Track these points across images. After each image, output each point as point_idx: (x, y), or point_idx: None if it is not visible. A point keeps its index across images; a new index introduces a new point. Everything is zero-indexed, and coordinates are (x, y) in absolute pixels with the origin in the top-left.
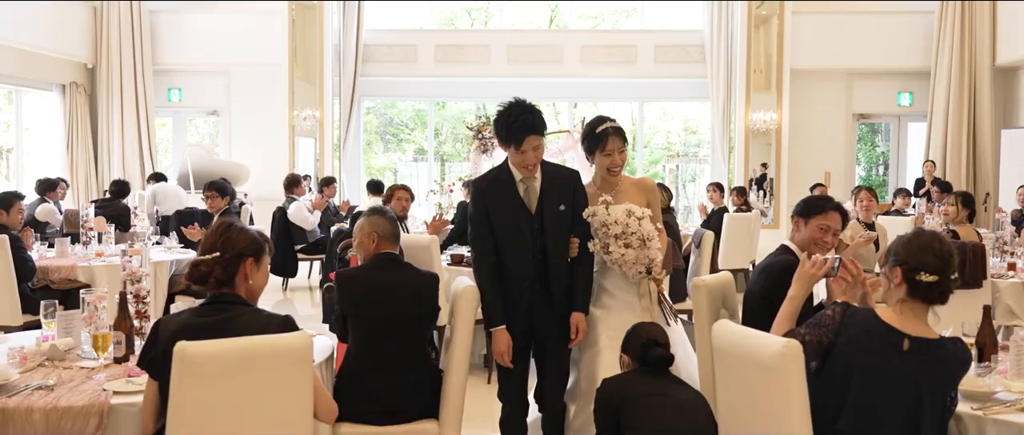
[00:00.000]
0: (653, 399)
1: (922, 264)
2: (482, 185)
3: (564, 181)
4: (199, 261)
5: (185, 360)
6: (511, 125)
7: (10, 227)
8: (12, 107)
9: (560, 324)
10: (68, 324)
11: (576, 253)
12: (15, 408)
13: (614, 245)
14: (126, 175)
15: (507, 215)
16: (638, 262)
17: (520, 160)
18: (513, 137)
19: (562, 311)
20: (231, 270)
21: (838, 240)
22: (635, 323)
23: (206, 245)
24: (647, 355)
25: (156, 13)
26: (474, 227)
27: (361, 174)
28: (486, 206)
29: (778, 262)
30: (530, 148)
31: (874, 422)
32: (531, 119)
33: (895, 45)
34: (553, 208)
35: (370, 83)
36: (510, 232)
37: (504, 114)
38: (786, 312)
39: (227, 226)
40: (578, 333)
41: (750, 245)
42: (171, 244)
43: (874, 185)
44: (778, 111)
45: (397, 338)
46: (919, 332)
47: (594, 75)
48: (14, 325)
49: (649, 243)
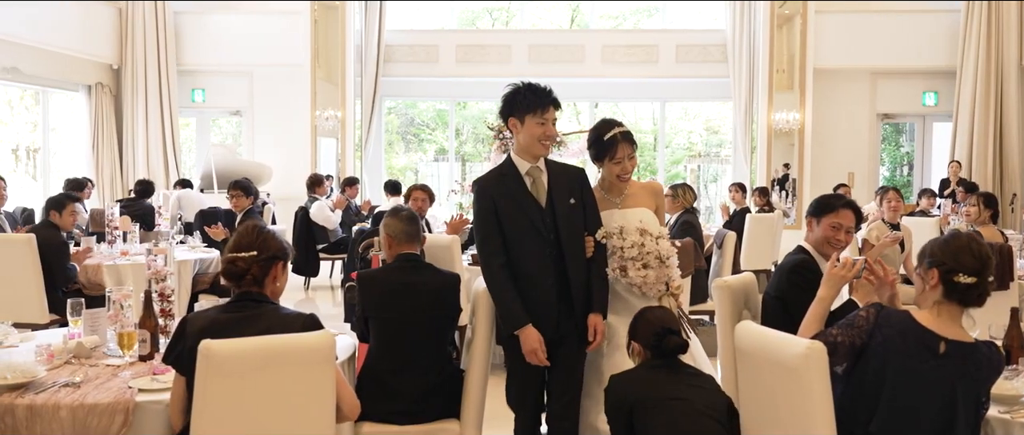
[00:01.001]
0: (669, 404)
1: (960, 266)
2: (487, 181)
3: (571, 176)
4: (237, 258)
5: (210, 358)
6: (536, 91)
7: (62, 228)
8: (39, 107)
9: (576, 328)
10: (94, 322)
11: (590, 253)
12: (42, 405)
13: (632, 268)
14: (150, 175)
15: (516, 210)
16: (658, 281)
17: (540, 132)
18: (539, 102)
19: (580, 312)
20: (265, 270)
21: (852, 238)
22: (644, 307)
23: (240, 244)
24: (661, 344)
25: (180, 14)
26: (481, 226)
27: (382, 174)
28: (493, 202)
29: (788, 262)
30: (550, 120)
31: (908, 425)
32: (552, 93)
33: (920, 44)
34: (563, 201)
35: (391, 83)
36: (521, 228)
37: (525, 86)
38: (815, 313)
39: (261, 229)
40: (597, 335)
41: (772, 246)
42: (195, 243)
43: (898, 186)
44: (801, 111)
45: (417, 338)
46: (955, 335)
47: (615, 75)
48: (41, 323)
49: (668, 262)
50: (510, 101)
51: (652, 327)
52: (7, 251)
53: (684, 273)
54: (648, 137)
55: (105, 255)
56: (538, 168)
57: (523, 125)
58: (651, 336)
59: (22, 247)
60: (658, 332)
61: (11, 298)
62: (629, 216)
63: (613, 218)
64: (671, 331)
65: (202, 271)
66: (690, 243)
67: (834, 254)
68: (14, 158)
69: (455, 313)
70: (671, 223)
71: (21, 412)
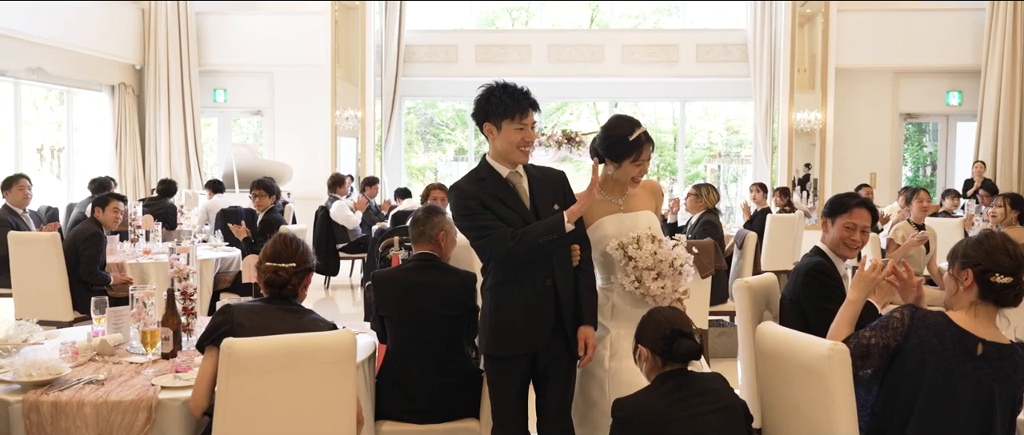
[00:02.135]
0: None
1: (996, 266)
2: (466, 185)
3: (552, 181)
4: (279, 268)
5: (232, 356)
6: (513, 93)
7: (105, 226)
8: (63, 107)
9: (566, 342)
10: (117, 320)
11: (577, 262)
12: (67, 401)
13: (647, 277)
14: (173, 174)
15: (505, 209)
16: (675, 291)
17: (519, 138)
18: (517, 107)
19: (569, 325)
20: (300, 280)
21: (868, 237)
22: (651, 308)
23: (281, 254)
24: (673, 349)
25: (202, 15)
26: (474, 219)
27: (402, 174)
28: (480, 200)
29: (803, 264)
30: (529, 124)
31: (946, 428)
32: (529, 94)
33: (943, 43)
34: (547, 207)
35: (411, 83)
36: (513, 226)
37: (500, 87)
38: (844, 317)
39: (298, 240)
40: (587, 349)
41: (793, 247)
42: (216, 242)
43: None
44: (823, 111)
45: (432, 338)
46: (992, 336)
47: (635, 75)
48: (65, 321)
49: (683, 268)
50: (484, 105)
51: (661, 329)
52: (33, 249)
53: (704, 274)
54: (668, 137)
55: (128, 254)
56: (517, 173)
57: (500, 131)
58: (660, 339)
59: (47, 246)
60: (668, 335)
61: (36, 296)
62: (638, 221)
63: (621, 223)
64: (682, 333)
65: (223, 270)
66: (711, 243)
67: (863, 257)
68: (39, 157)
69: (471, 312)
70: (692, 222)
71: (46, 409)
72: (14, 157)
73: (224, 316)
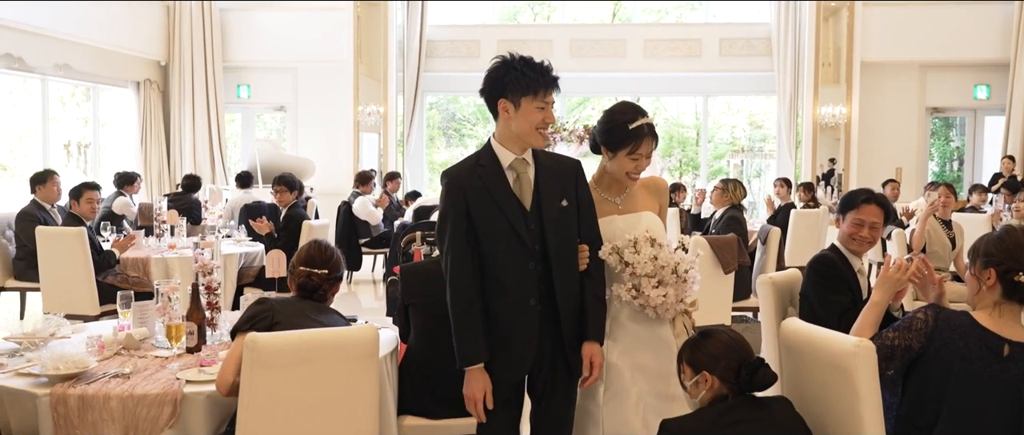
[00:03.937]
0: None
1: (1020, 264)
2: (458, 173)
3: (563, 171)
4: (313, 273)
5: (256, 351)
6: (536, 67)
7: (83, 217)
8: (89, 103)
9: (566, 360)
10: (143, 314)
11: (585, 265)
12: (94, 394)
13: (646, 285)
14: (197, 170)
15: (494, 212)
16: (679, 300)
17: (539, 118)
18: (542, 82)
19: (572, 340)
20: (330, 286)
21: (879, 234)
22: (711, 327)
23: (314, 260)
24: (752, 379)
25: (226, 12)
26: (449, 225)
27: (424, 169)
28: (466, 201)
29: (813, 259)
30: (551, 104)
31: (974, 431)
32: (552, 69)
33: (971, 36)
34: (553, 203)
35: (433, 78)
36: (501, 235)
37: (520, 59)
38: (867, 318)
39: (331, 248)
40: (593, 369)
41: (817, 242)
42: (240, 237)
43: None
44: (847, 105)
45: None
46: (1017, 336)
47: (657, 69)
48: (91, 315)
49: (688, 275)
50: (500, 78)
51: (738, 355)
52: (60, 245)
53: (727, 269)
54: (691, 132)
55: (153, 248)
56: (524, 161)
57: (518, 109)
58: (738, 368)
59: (74, 241)
60: (750, 364)
61: (63, 291)
62: (634, 223)
63: (615, 225)
64: (763, 362)
65: (247, 265)
66: (734, 239)
67: (887, 257)
68: (66, 153)
69: None
70: (717, 217)
71: (73, 402)
72: (41, 153)
73: (263, 306)
